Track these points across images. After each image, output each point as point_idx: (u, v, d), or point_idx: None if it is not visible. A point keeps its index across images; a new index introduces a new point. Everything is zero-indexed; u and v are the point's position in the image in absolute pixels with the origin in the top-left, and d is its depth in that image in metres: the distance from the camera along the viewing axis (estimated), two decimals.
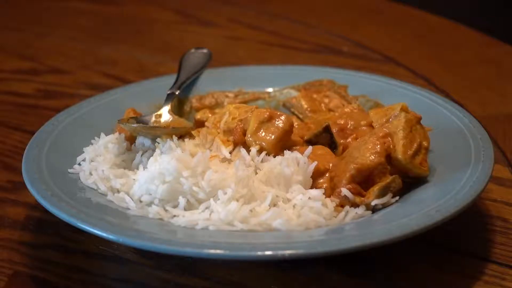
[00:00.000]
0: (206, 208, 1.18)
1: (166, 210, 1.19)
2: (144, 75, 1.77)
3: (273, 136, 1.27)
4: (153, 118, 1.38)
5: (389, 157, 1.23)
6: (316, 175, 1.23)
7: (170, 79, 1.55)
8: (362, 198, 1.19)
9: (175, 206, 1.20)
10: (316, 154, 1.26)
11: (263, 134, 1.28)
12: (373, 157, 1.21)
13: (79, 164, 1.30)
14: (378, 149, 1.22)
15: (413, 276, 1.15)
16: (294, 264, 1.16)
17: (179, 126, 1.35)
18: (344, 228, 1.14)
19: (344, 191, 1.18)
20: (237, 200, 1.17)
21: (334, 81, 1.55)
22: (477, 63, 1.89)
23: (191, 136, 1.33)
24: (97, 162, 1.29)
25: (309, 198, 1.18)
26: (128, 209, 1.20)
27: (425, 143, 1.26)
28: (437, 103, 1.42)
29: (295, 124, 1.36)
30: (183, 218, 1.17)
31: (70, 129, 1.39)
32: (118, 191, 1.24)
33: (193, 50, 1.68)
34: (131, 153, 1.33)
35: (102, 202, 1.21)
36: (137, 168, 1.28)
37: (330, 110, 1.47)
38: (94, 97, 1.50)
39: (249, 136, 1.28)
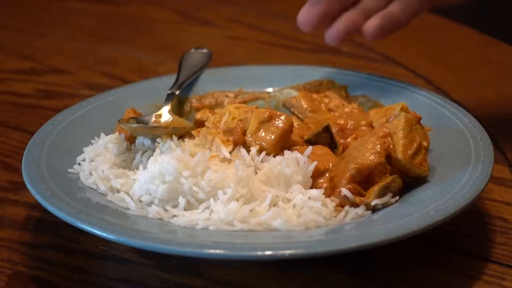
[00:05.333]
0: (206, 208, 1.18)
1: (166, 210, 1.19)
2: (144, 75, 1.76)
3: (273, 136, 1.27)
4: (153, 118, 1.38)
5: (389, 157, 1.23)
6: (316, 175, 1.23)
7: (170, 79, 1.55)
8: (362, 198, 1.19)
9: (175, 206, 1.20)
10: (316, 154, 1.26)
11: (263, 134, 1.28)
12: (373, 157, 1.21)
13: (79, 164, 1.30)
14: (378, 149, 1.22)
15: (413, 276, 1.15)
16: (294, 264, 1.16)
17: (179, 126, 1.35)
18: (344, 228, 1.14)
19: (344, 191, 1.18)
20: (237, 200, 1.17)
21: (334, 81, 1.55)
22: (477, 63, 1.89)
23: (191, 136, 1.33)
24: (97, 162, 1.29)
25: (309, 198, 1.18)
26: (128, 209, 1.20)
27: (425, 143, 1.26)
28: (437, 103, 1.42)
29: (295, 124, 1.36)
30: (183, 218, 1.17)
31: (70, 129, 1.38)
32: (118, 191, 1.24)
33: (193, 50, 1.68)
34: (131, 153, 1.33)
35: (102, 202, 1.21)
36: (137, 168, 1.28)
37: (330, 110, 1.47)
38: (94, 97, 1.50)
39: (249, 136, 1.28)
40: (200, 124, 1.41)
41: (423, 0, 1.46)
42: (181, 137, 1.32)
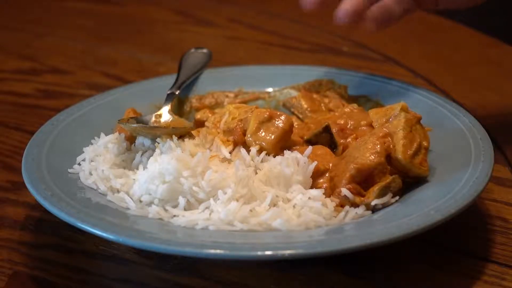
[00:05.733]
0: (206, 208, 1.18)
1: (166, 210, 1.19)
2: (144, 75, 1.76)
3: (273, 136, 1.27)
4: (153, 118, 1.38)
5: (389, 157, 1.23)
6: (316, 175, 1.23)
7: (170, 79, 1.55)
8: (362, 198, 1.19)
9: (175, 206, 1.20)
10: (316, 154, 1.26)
11: (263, 134, 1.28)
12: (373, 157, 1.21)
13: (79, 164, 1.30)
14: (378, 149, 1.22)
15: (413, 276, 1.15)
16: (294, 264, 1.16)
17: (179, 126, 1.35)
18: (344, 228, 1.14)
19: (344, 191, 1.18)
20: (237, 200, 1.17)
21: (334, 81, 1.55)
22: (477, 63, 1.89)
23: (191, 136, 1.33)
24: (97, 162, 1.29)
25: (309, 198, 1.18)
26: (128, 209, 1.20)
27: (425, 143, 1.26)
28: (437, 103, 1.42)
29: (295, 124, 1.36)
30: (183, 218, 1.17)
31: (70, 129, 1.38)
32: (118, 191, 1.24)
33: (193, 50, 1.68)
34: (131, 153, 1.33)
35: (102, 202, 1.21)
36: (137, 168, 1.28)
37: (330, 110, 1.47)
38: (94, 97, 1.50)
39: (249, 136, 1.28)
40: (200, 124, 1.41)
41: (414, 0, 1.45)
42: (181, 137, 1.32)
